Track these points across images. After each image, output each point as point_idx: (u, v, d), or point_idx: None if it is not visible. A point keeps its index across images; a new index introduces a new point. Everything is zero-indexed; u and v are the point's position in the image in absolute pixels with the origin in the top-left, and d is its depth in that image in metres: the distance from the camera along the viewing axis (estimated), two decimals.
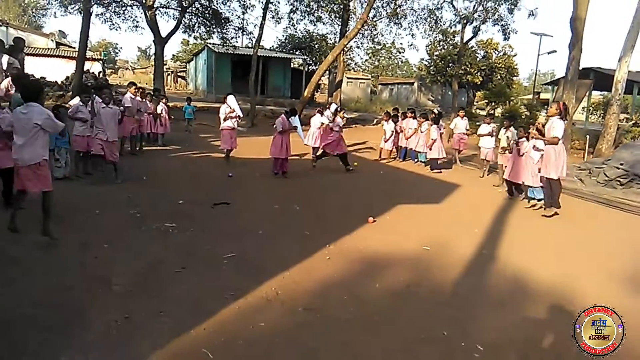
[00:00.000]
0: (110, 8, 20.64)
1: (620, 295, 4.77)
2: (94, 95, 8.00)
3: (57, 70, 27.63)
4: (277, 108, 25.88)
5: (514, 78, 38.52)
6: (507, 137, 10.08)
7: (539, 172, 7.97)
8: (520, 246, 6.25)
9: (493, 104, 29.32)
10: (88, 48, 22.87)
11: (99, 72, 31.65)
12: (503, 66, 36.13)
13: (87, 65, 30.37)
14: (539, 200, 8.39)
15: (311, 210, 7.37)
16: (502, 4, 25.63)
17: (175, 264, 4.68)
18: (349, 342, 3.49)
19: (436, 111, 13.74)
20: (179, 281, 4.28)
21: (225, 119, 10.54)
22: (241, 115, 10.75)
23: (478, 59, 35.97)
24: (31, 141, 4.75)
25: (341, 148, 11.01)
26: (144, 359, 3.04)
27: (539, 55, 28.85)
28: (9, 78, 7.64)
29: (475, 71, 34.91)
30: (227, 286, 4.23)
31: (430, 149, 12.08)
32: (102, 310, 3.64)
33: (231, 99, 10.57)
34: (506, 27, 26.71)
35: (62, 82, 25.95)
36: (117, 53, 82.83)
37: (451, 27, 28.65)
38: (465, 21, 25.54)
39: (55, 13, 37.22)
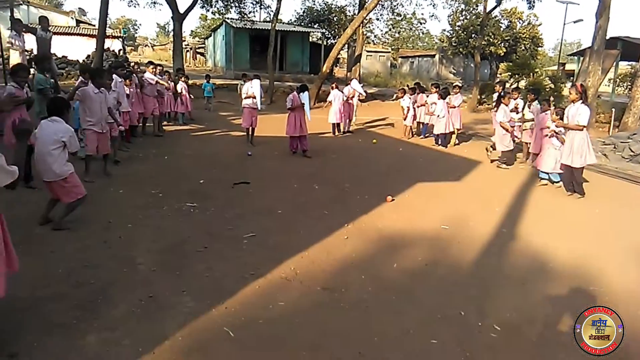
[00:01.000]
0: None
1: None
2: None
3: (78, 49, 27.85)
4: (296, 84, 25.66)
5: (539, 48, 37.32)
6: (532, 112, 9.81)
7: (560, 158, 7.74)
8: (541, 224, 6.19)
9: (517, 76, 28.56)
10: (108, 25, 22.95)
11: (119, 50, 31.78)
12: (527, 36, 34.96)
13: (107, 43, 30.40)
14: (554, 182, 8.25)
15: (330, 189, 7.40)
16: None
17: (197, 243, 4.80)
18: (367, 321, 3.55)
19: (440, 85, 13.22)
20: (200, 261, 4.39)
21: (246, 97, 10.56)
22: (260, 102, 10.68)
23: (502, 29, 34.87)
24: (54, 157, 4.72)
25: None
26: (167, 336, 3.16)
27: (564, 24, 27.90)
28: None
29: (499, 42, 33.91)
30: (248, 265, 4.33)
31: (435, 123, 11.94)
32: (127, 289, 3.77)
33: (256, 83, 10.52)
34: None
35: (83, 60, 26.18)
36: (137, 30, 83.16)
37: None
38: None
39: None
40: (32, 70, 8.18)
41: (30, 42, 10.33)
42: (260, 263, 4.40)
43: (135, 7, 36.71)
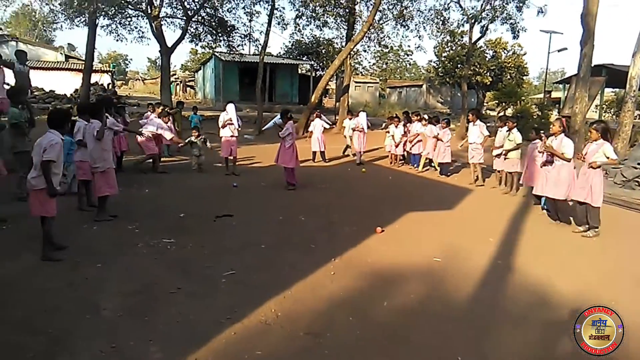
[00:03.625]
0: (115, 19, 20.61)
1: None
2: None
3: (66, 83, 27.79)
4: None
5: (524, 77, 37.94)
6: (510, 139, 9.58)
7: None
8: (537, 255, 5.89)
9: (504, 104, 28.83)
10: (98, 60, 22.97)
11: (108, 84, 31.76)
12: (513, 65, 35.57)
13: (96, 77, 30.55)
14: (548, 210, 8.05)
15: (317, 221, 7.08)
16: (510, 1, 25.17)
17: (170, 284, 4.42)
18: None
19: (425, 116, 13.23)
20: (172, 304, 4.02)
21: (222, 127, 10.34)
22: (238, 125, 10.42)
23: (487, 59, 35.47)
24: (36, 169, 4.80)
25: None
26: None
27: (549, 53, 28.34)
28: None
29: (485, 71, 34.42)
30: (224, 308, 3.96)
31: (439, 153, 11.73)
32: (89, 338, 3.39)
33: (230, 108, 10.38)
34: (515, 25, 26.15)
35: (71, 94, 26.07)
36: (128, 64, 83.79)
37: (459, 27, 28.25)
38: (473, 21, 25.07)
39: (61, 26, 37.44)
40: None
41: (9, 77, 10.07)
42: (239, 305, 4.03)
43: (121, 41, 36.97)
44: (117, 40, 34.84)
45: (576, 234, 7.03)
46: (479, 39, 27.07)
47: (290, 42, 35.25)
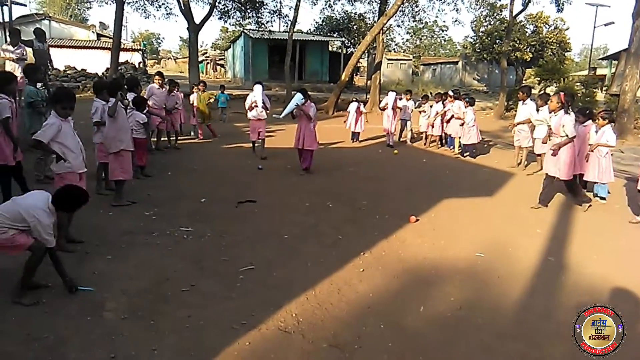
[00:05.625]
0: None
1: None
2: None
3: (98, 62, 27.86)
4: (315, 93, 25.04)
5: (567, 53, 35.92)
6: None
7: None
8: (592, 249, 5.24)
9: (546, 81, 27.30)
10: (130, 39, 22.79)
11: (139, 63, 31.80)
12: (555, 41, 33.69)
13: (127, 55, 30.61)
14: (601, 198, 7.32)
15: (345, 208, 6.58)
16: None
17: (183, 281, 4.03)
18: None
19: (450, 93, 12.39)
20: (183, 305, 3.62)
21: (249, 109, 9.73)
22: (266, 106, 9.69)
23: (527, 34, 33.67)
24: None
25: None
26: None
27: (594, 27, 26.48)
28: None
29: (525, 47, 32.74)
30: (239, 311, 3.54)
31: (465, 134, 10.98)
32: (85, 346, 3.02)
33: (257, 89, 9.66)
34: None
35: (102, 73, 26.14)
36: (160, 43, 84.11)
37: (499, 0, 26.79)
38: None
39: (90, 3, 37.42)
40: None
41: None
42: (256, 307, 3.60)
43: (146, 18, 37.03)
44: (146, 18, 34.71)
45: (633, 225, 6.32)
46: (520, 12, 25.58)
47: (320, 18, 34.38)
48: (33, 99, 6.84)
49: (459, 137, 11.30)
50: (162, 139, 10.44)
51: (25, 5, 13.81)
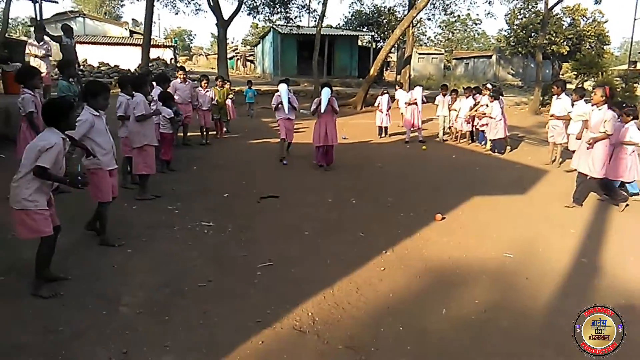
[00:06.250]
0: None
1: None
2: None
3: (130, 58, 28.41)
4: (343, 89, 24.86)
5: (605, 47, 34.48)
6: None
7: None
8: (630, 252, 4.93)
9: (583, 76, 26.28)
10: (163, 36, 23.16)
11: (170, 59, 32.28)
12: (593, 34, 32.35)
13: (159, 52, 31.12)
14: (632, 195, 6.93)
15: (369, 204, 6.44)
16: None
17: (201, 275, 3.99)
18: None
19: (489, 86, 11.96)
20: (199, 300, 3.57)
21: (275, 109, 9.17)
22: (294, 105, 8.98)
23: (564, 27, 32.46)
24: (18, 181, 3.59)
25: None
26: None
27: (634, 20, 25.35)
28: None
29: (561, 40, 31.55)
30: (255, 308, 3.46)
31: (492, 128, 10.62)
32: (99, 340, 3.01)
33: (282, 88, 8.87)
34: None
35: (135, 69, 26.67)
36: (192, 40, 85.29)
37: None
38: None
39: (122, 0, 37.91)
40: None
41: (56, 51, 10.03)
42: (272, 304, 3.52)
43: (176, 14, 37.53)
44: (175, 14, 35.18)
45: None
46: (556, 4, 24.65)
47: (350, 12, 34.08)
48: (65, 94, 6.95)
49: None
50: (188, 133, 10.47)
51: (57, 2, 14.14)
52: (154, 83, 7.97)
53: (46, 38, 8.92)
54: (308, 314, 3.42)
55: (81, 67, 22.01)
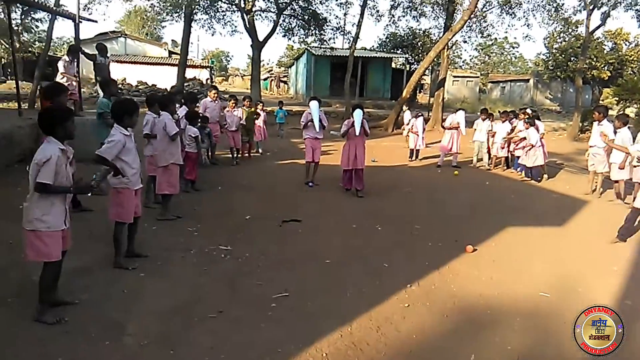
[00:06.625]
0: (209, 13, 20.98)
1: None
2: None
3: (168, 78, 29.20)
4: (375, 110, 24.69)
5: None
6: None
7: None
8: None
9: (625, 102, 25.26)
10: (202, 57, 23.73)
11: (206, 79, 33.00)
12: (636, 59, 31.23)
13: (196, 72, 31.91)
14: None
15: (396, 232, 6.15)
16: None
17: (213, 304, 3.80)
18: None
19: (529, 111, 11.51)
20: (208, 332, 3.37)
21: (304, 127, 8.77)
22: (323, 124, 8.64)
23: (605, 52, 31.47)
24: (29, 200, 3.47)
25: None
26: None
27: None
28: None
29: (602, 65, 30.56)
30: (265, 345, 3.23)
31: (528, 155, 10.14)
32: None
33: (313, 105, 8.57)
34: None
35: (165, 89, 27.37)
36: (229, 61, 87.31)
37: (574, 15, 25.20)
38: (591, 7, 22.17)
39: (161, 22, 39.00)
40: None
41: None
42: (283, 341, 3.28)
43: (212, 35, 38.55)
44: (212, 35, 35.91)
45: None
46: (598, 27, 23.98)
47: (384, 34, 34.11)
48: (103, 110, 7.02)
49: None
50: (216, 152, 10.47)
51: (96, 22, 14.79)
52: (183, 102, 7.99)
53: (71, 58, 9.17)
54: (322, 354, 3.16)
55: (119, 86, 22.71)
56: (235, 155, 10.69)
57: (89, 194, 3.54)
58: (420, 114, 13.13)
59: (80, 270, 4.22)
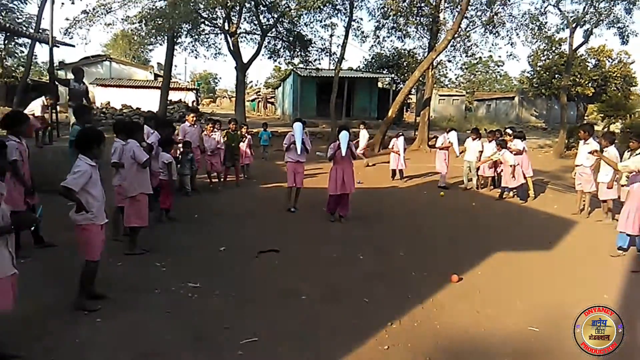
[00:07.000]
0: (193, 36, 20.87)
1: None
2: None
3: (153, 101, 28.91)
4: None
5: (632, 88, 33.69)
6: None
7: None
8: None
9: (610, 118, 25.44)
10: (190, 79, 23.57)
11: (192, 101, 32.77)
12: (619, 75, 31.69)
13: (182, 94, 31.68)
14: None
15: (378, 261, 5.86)
16: (618, 2, 22.15)
17: (173, 356, 3.45)
18: None
19: (509, 131, 11.39)
20: None
21: (287, 149, 8.46)
22: (307, 147, 8.37)
23: (589, 69, 31.89)
24: None
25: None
26: None
27: None
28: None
29: (586, 82, 30.91)
30: None
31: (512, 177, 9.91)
32: None
33: (297, 127, 8.29)
34: (624, 29, 23.04)
35: (156, 111, 27.09)
36: (217, 82, 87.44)
37: (557, 33, 25.48)
38: (574, 25, 22.43)
39: (144, 45, 38.85)
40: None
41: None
42: None
43: (196, 58, 38.50)
44: (195, 57, 36.03)
45: None
46: (581, 45, 24.25)
47: (369, 55, 34.23)
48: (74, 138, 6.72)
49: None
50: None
51: (73, 46, 14.66)
52: (154, 127, 7.68)
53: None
54: None
55: (94, 110, 22.40)
56: (213, 180, 10.39)
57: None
58: (401, 133, 12.99)
59: (33, 315, 3.86)
